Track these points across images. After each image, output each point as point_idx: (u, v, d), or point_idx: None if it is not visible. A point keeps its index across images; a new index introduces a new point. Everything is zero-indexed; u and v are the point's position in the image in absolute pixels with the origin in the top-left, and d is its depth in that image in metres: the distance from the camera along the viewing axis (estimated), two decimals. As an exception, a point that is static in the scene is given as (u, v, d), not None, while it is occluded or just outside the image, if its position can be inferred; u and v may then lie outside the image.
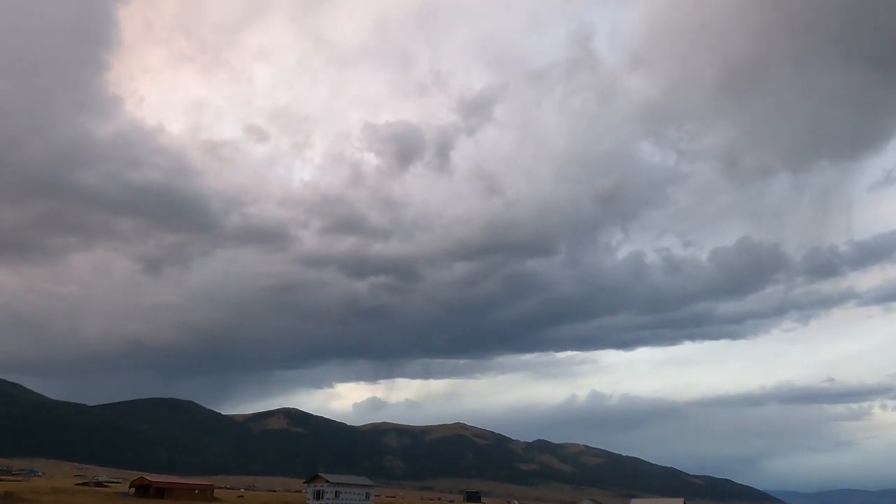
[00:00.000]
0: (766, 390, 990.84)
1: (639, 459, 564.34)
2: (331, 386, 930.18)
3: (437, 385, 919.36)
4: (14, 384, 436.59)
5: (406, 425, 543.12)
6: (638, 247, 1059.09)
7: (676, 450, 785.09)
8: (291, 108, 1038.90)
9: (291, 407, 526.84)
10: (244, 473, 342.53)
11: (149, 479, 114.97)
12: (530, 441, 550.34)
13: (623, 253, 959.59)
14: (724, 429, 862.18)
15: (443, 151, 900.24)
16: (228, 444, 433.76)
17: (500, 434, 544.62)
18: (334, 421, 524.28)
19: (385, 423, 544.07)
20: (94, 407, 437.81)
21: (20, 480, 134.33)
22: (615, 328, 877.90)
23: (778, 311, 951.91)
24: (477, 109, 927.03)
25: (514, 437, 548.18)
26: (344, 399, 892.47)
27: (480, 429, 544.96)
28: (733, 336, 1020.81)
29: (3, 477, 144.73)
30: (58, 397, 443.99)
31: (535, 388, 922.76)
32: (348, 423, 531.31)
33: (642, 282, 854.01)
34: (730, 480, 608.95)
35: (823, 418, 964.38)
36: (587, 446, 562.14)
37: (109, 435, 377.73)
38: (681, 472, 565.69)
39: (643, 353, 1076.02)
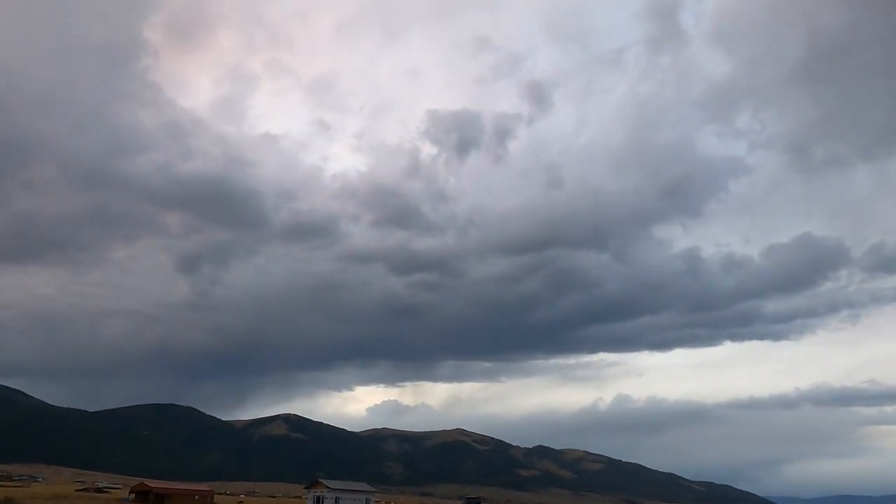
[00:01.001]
0: (800, 392, 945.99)
1: (639, 465, 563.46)
2: (350, 389, 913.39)
3: (457, 389, 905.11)
4: (14, 390, 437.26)
5: (406, 431, 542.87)
6: (695, 242, 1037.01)
7: (693, 454, 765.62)
8: (348, 95, 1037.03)
9: (292, 413, 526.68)
10: (244, 479, 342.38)
11: (149, 484, 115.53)
12: (530, 447, 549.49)
13: (678, 249, 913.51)
14: (750, 432, 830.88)
15: (501, 140, 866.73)
16: (228, 450, 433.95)
17: (500, 440, 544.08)
18: (335, 427, 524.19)
19: (385, 429, 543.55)
20: (94, 413, 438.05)
21: (20, 486, 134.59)
22: (654, 328, 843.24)
23: (830, 310, 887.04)
24: (540, 95, 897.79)
25: (514, 443, 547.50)
26: (360, 403, 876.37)
27: (481, 434, 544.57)
28: (777, 336, 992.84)
29: (3, 483, 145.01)
30: (64, 403, 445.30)
31: (558, 391, 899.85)
32: (349, 429, 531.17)
33: (692, 279, 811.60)
34: (730, 486, 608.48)
35: (854, 422, 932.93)
36: (587, 452, 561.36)
37: (109, 441, 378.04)
38: (680, 477, 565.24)
39: (678, 355, 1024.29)
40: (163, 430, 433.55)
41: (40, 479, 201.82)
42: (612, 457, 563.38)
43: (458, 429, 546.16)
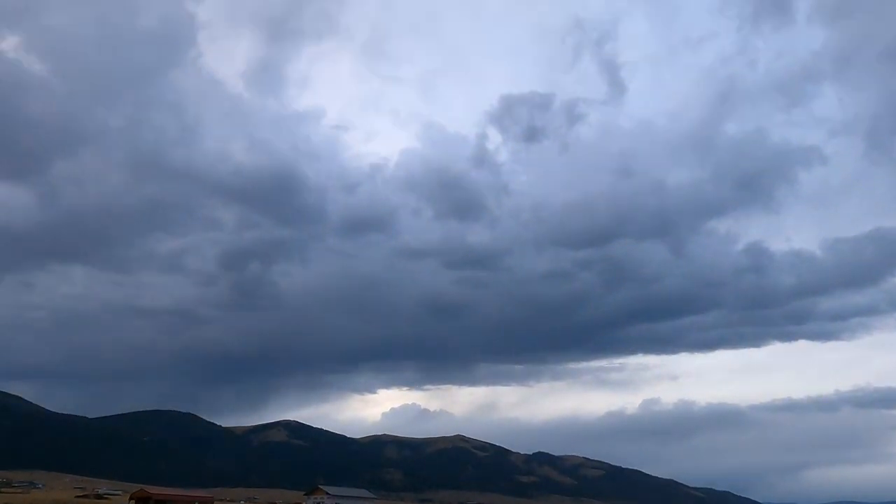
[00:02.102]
0: (840, 394, 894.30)
1: (639, 471, 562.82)
2: (373, 391, 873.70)
3: (481, 393, 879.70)
4: (14, 395, 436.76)
5: (406, 437, 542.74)
6: (759, 236, 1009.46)
7: (711, 460, 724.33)
8: (417, 80, 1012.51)
9: (293, 419, 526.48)
10: (244, 486, 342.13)
11: (149, 491, 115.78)
12: (530, 453, 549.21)
13: (740, 243, 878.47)
14: (779, 436, 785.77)
15: (571, 126, 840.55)
16: (228, 457, 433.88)
17: (499, 446, 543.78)
18: (334, 433, 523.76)
19: (385, 435, 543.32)
20: (93, 419, 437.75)
21: (20, 492, 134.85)
22: (700, 327, 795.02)
23: (893, 307, 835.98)
24: (615, 78, 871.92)
25: (514, 450, 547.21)
26: (378, 406, 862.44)
27: (481, 441, 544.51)
28: (829, 336, 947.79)
29: (2, 489, 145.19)
30: (67, 409, 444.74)
31: (585, 396, 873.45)
32: (348, 435, 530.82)
33: (749, 275, 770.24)
34: (730, 493, 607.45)
35: (890, 426, 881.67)
36: (587, 458, 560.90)
37: (109, 447, 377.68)
38: (681, 484, 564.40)
39: (719, 356, 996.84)
40: (162, 436, 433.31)
41: (40, 486, 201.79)
42: (613, 463, 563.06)
43: (457, 435, 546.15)
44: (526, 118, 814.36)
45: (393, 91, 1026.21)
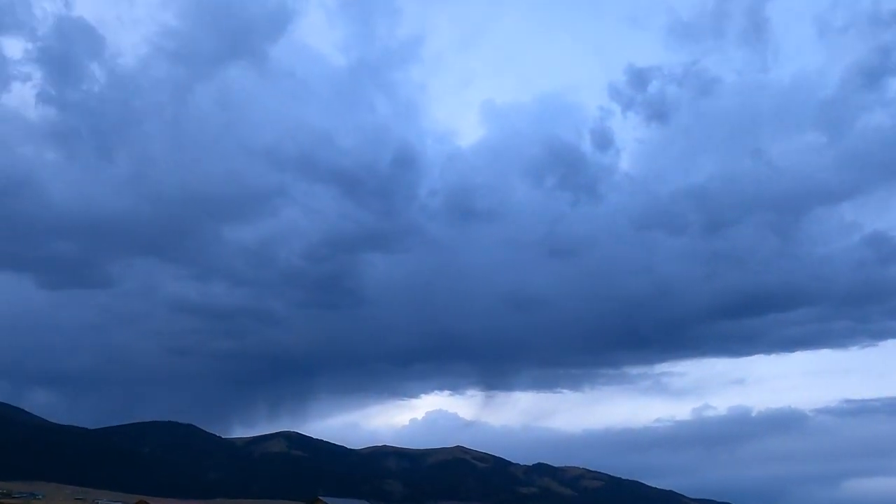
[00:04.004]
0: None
1: (638, 482, 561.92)
2: (416, 396, 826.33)
3: (526, 400, 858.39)
4: (14, 407, 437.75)
5: (406, 448, 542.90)
6: (883, 227, 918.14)
7: (744, 469, 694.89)
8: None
9: (292, 430, 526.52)
10: (244, 496, 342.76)
11: (149, 502, 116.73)
12: (530, 464, 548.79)
13: (859, 235, 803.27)
14: (834, 441, 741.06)
15: (695, 101, 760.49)
16: (228, 468, 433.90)
17: (500, 457, 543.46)
18: (335, 444, 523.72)
19: (385, 447, 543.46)
20: (94, 430, 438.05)
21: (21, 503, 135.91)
22: (785, 324, 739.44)
23: None
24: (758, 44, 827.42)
25: (514, 461, 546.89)
26: (414, 412, 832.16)
27: (481, 452, 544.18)
28: None
29: (3, 500, 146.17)
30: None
31: (639, 403, 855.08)
32: (348, 447, 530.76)
33: (859, 270, 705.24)
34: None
35: None
36: (587, 469, 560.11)
37: (109, 458, 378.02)
38: (681, 495, 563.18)
39: (798, 357, 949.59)
40: (162, 447, 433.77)
41: (40, 497, 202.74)
42: (612, 474, 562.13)
43: (457, 446, 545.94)
44: (647, 90, 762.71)
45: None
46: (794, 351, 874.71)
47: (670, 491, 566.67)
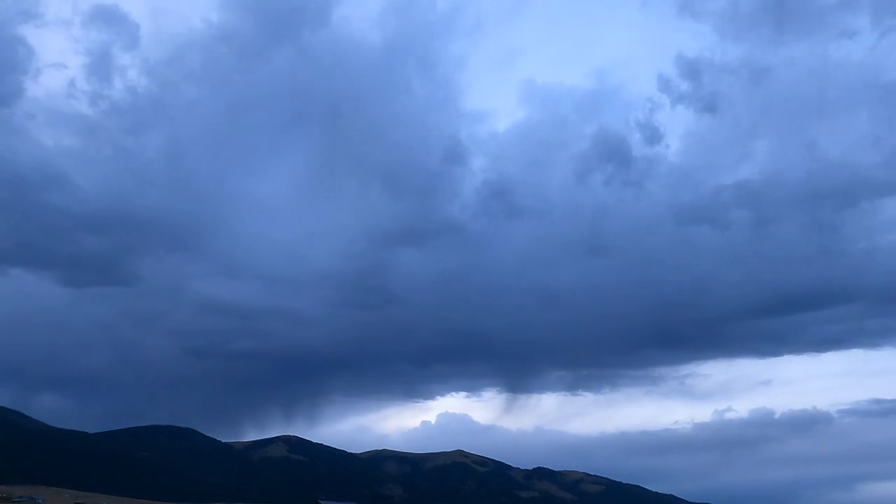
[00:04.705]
0: None
1: (638, 486, 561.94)
2: (432, 398, 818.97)
3: (538, 401, 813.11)
4: (14, 411, 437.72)
5: (406, 452, 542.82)
6: None
7: (759, 472, 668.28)
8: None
9: (293, 434, 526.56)
10: (244, 501, 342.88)
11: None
12: (530, 468, 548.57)
13: None
14: (858, 443, 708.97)
15: (749, 95, 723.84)
16: (228, 472, 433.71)
17: (499, 461, 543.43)
18: (334, 448, 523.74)
19: (385, 451, 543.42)
20: (94, 434, 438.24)
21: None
22: (817, 322, 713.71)
23: None
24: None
25: (514, 465, 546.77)
26: (426, 415, 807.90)
27: (480, 456, 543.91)
28: None
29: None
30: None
31: (652, 407, 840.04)
32: (348, 451, 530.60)
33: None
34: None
35: None
36: (587, 473, 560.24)
37: (109, 462, 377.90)
38: (681, 499, 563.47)
39: (828, 358, 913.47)
40: (162, 451, 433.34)
41: (41, 501, 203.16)
42: (612, 478, 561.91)
43: (457, 450, 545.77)
44: (697, 82, 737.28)
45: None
46: (824, 351, 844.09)
47: (670, 495, 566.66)
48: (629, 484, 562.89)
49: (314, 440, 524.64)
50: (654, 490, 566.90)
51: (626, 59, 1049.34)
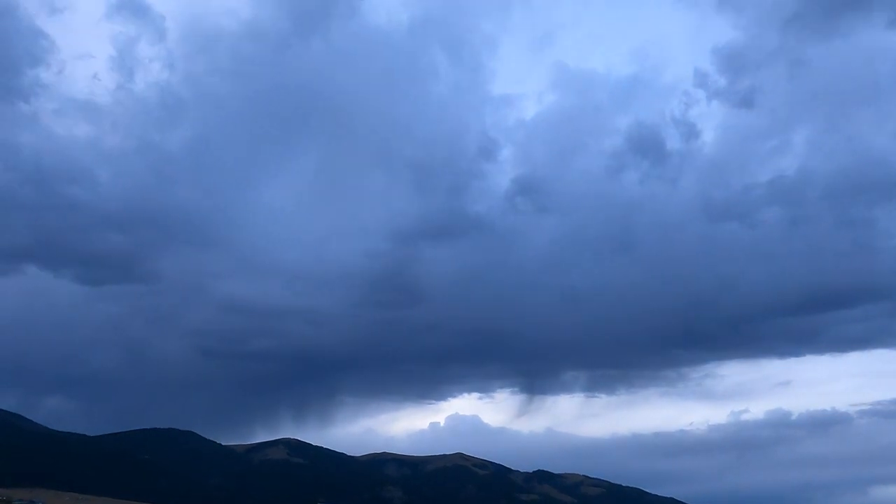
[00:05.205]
0: None
1: (639, 489, 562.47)
2: (445, 399, 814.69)
3: (552, 403, 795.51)
4: (14, 414, 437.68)
5: (406, 455, 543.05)
6: None
7: (771, 474, 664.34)
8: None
9: (293, 437, 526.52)
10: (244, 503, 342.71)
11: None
12: (530, 471, 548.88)
13: None
14: (876, 445, 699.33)
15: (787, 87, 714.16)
16: (228, 475, 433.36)
17: (500, 464, 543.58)
18: (334, 451, 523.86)
19: (385, 454, 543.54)
20: (94, 437, 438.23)
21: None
22: (843, 321, 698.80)
23: None
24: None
25: (514, 468, 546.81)
26: (434, 417, 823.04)
27: (481, 459, 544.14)
28: None
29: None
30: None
31: (669, 408, 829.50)
32: (348, 454, 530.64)
33: None
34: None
35: None
36: (587, 476, 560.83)
37: (109, 464, 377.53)
38: (681, 502, 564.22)
39: (852, 358, 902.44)
40: (162, 454, 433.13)
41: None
42: (613, 481, 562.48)
43: (458, 453, 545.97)
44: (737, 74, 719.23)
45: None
46: (848, 351, 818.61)
47: (671, 498, 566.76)
48: (630, 487, 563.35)
49: (315, 443, 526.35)
50: (654, 493, 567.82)
51: (663, 47, 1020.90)
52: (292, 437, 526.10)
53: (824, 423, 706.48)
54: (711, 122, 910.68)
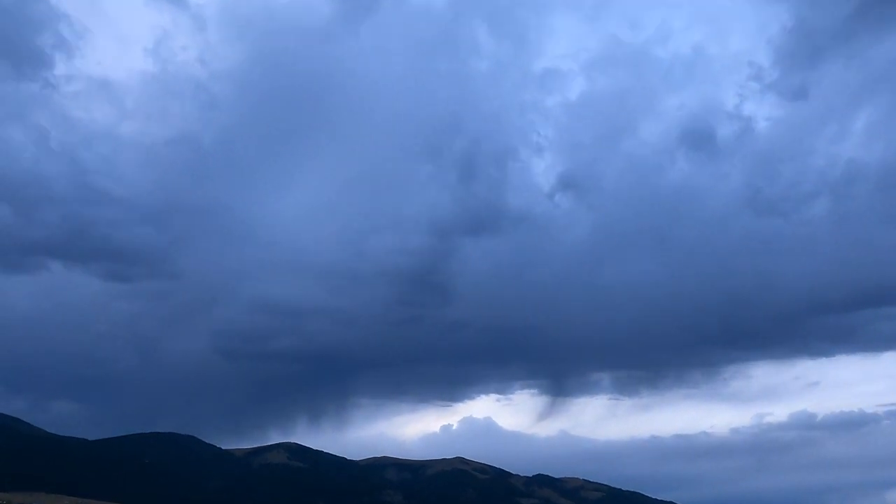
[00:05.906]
0: None
1: (638, 493, 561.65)
2: (461, 401, 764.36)
3: (572, 405, 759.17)
4: (13, 417, 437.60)
5: (406, 459, 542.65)
6: None
7: (782, 477, 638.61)
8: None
9: (293, 441, 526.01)
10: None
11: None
12: (530, 475, 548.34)
13: None
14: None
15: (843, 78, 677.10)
16: (228, 479, 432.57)
17: (500, 469, 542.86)
18: (334, 455, 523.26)
19: (385, 458, 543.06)
20: (93, 441, 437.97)
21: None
22: (879, 319, 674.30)
23: None
24: None
25: (514, 472, 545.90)
26: (446, 420, 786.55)
27: (481, 463, 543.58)
28: None
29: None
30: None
31: (694, 410, 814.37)
32: (348, 458, 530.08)
33: None
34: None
35: None
36: (587, 480, 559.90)
37: (109, 469, 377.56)
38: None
39: (886, 358, 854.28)
40: (162, 458, 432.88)
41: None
42: (612, 485, 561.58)
43: (458, 457, 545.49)
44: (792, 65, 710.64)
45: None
46: (882, 351, 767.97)
47: (670, 502, 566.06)
48: (629, 491, 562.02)
49: (314, 447, 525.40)
50: (654, 497, 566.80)
51: (720, 28, 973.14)
52: (293, 441, 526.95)
53: (849, 425, 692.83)
54: (764, 111, 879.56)
